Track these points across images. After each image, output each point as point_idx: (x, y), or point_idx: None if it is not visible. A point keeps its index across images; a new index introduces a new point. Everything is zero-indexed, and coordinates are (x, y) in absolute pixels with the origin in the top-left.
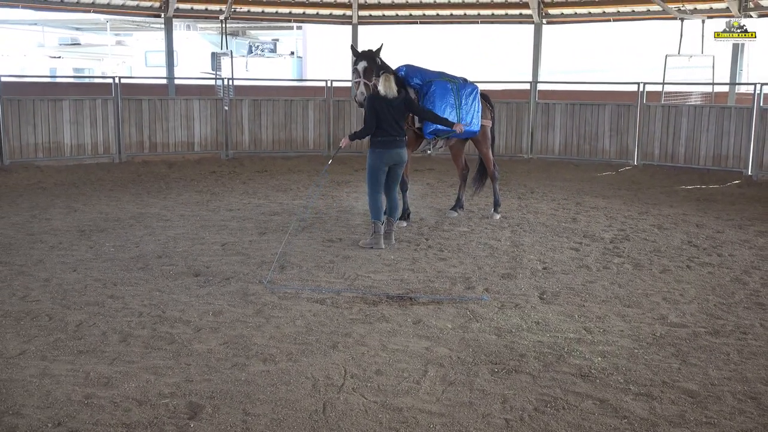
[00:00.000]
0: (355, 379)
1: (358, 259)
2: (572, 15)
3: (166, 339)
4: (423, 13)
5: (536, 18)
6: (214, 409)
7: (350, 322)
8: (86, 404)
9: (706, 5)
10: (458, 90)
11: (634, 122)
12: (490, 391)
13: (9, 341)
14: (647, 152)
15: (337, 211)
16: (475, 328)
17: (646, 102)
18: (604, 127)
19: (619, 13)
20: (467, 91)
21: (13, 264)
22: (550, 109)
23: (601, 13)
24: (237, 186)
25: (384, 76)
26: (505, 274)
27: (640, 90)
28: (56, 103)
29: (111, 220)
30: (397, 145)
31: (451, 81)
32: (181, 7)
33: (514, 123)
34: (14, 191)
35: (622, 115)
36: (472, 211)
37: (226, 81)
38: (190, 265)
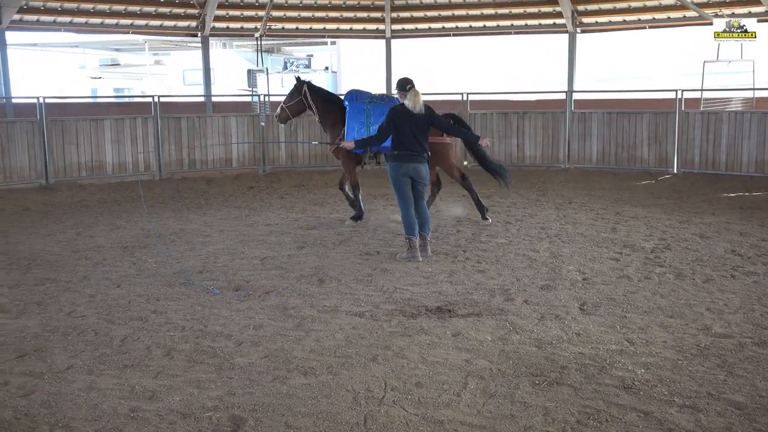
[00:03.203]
0: (396, 391)
1: (396, 272)
2: (606, 23)
3: (208, 353)
4: (456, 26)
5: (570, 27)
6: (256, 422)
7: (389, 335)
8: (132, 417)
9: (744, 9)
10: (371, 110)
11: (673, 130)
12: (531, 404)
13: (57, 356)
14: (687, 160)
15: (374, 224)
16: (515, 340)
17: (685, 109)
18: (642, 136)
19: (655, 20)
20: (379, 110)
21: (60, 280)
22: (587, 118)
23: (636, 21)
24: (274, 201)
25: (412, 91)
26: (544, 286)
27: (678, 97)
28: (98, 123)
29: (153, 236)
30: (415, 160)
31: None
32: (217, 26)
33: (550, 133)
34: (59, 209)
35: (661, 123)
36: (510, 222)
37: (262, 97)
38: (231, 280)
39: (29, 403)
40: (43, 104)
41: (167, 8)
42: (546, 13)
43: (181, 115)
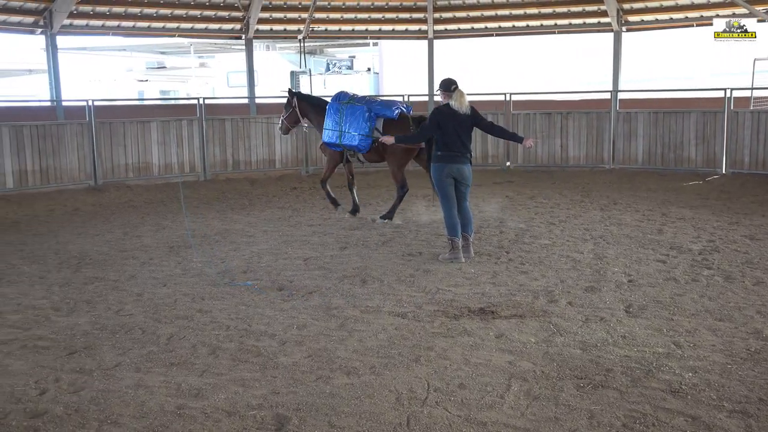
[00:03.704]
0: (439, 392)
1: (438, 272)
2: (653, 21)
3: (252, 352)
4: (499, 26)
5: (615, 26)
6: (300, 421)
7: (432, 336)
8: (178, 415)
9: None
10: (344, 111)
11: (722, 129)
12: (576, 407)
13: (106, 353)
14: (736, 160)
15: (416, 224)
16: (559, 342)
17: (734, 108)
18: (689, 135)
19: (702, 18)
20: (349, 111)
21: (108, 279)
22: (632, 118)
23: (684, 19)
24: (317, 201)
25: (458, 92)
26: (588, 287)
27: (727, 96)
28: (144, 125)
29: (198, 237)
30: (458, 161)
31: (351, 102)
32: (260, 29)
33: (594, 133)
34: (107, 210)
35: (708, 122)
36: (553, 223)
37: None
38: (274, 280)
39: (79, 399)
40: (92, 107)
41: (212, 11)
42: (591, 12)
43: (225, 116)
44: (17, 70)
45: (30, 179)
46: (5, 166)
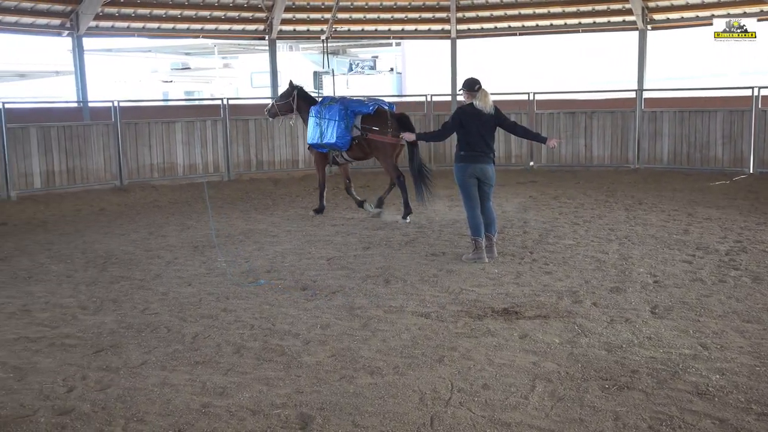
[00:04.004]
0: (462, 393)
1: (462, 273)
2: (678, 20)
3: (276, 351)
4: (522, 25)
5: (640, 24)
6: (324, 420)
7: (456, 336)
8: (204, 413)
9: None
10: (323, 111)
11: (749, 128)
12: (601, 408)
13: (132, 351)
14: (764, 159)
15: (439, 224)
16: (584, 343)
17: (762, 107)
18: (715, 135)
19: (729, 15)
20: (327, 111)
21: (134, 278)
22: (658, 117)
23: (710, 17)
24: (340, 201)
25: (482, 91)
26: (613, 288)
27: (755, 95)
28: (169, 126)
29: (222, 236)
30: (481, 160)
31: (331, 103)
32: (284, 29)
33: (619, 132)
34: (133, 209)
35: (736, 121)
36: (577, 224)
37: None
38: (298, 279)
39: (106, 396)
40: (118, 107)
41: (236, 12)
42: (615, 10)
43: (249, 117)
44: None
45: (57, 180)
46: (33, 167)
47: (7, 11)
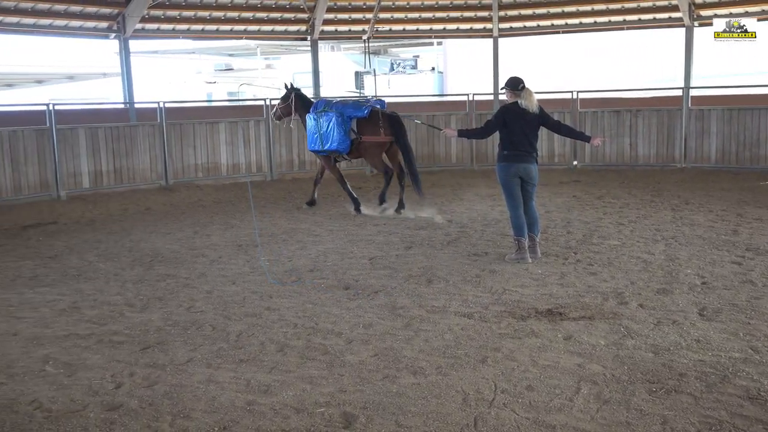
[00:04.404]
0: (506, 394)
1: (504, 273)
2: (726, 15)
3: (319, 350)
4: (565, 23)
5: (687, 21)
6: (367, 419)
7: (499, 337)
8: (248, 410)
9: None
10: (321, 119)
11: None
12: (648, 411)
13: (178, 349)
14: None
15: (481, 224)
16: (630, 345)
17: None
18: (766, 133)
19: None
20: (324, 119)
21: (179, 277)
22: (705, 115)
23: (760, 12)
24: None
25: (526, 91)
26: (660, 290)
27: None
28: (213, 126)
29: (265, 236)
30: (525, 160)
31: (326, 110)
32: (325, 30)
33: (665, 131)
34: (178, 209)
35: None
36: (622, 224)
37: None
38: (340, 279)
39: (153, 393)
40: (163, 108)
41: (278, 13)
42: (661, 7)
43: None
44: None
45: (105, 179)
46: (82, 167)
47: (57, 15)
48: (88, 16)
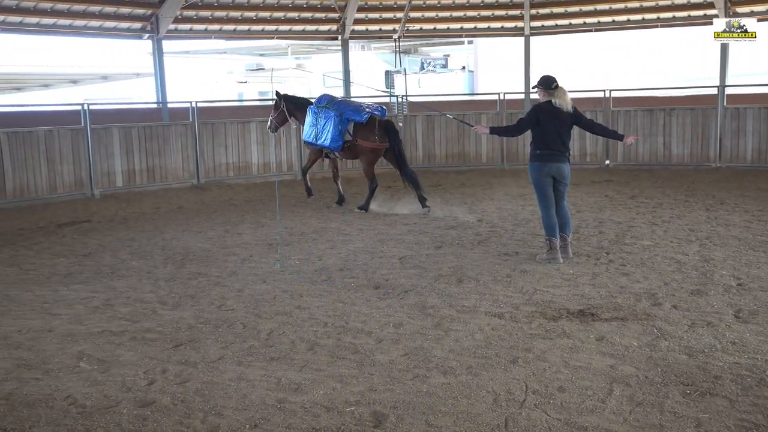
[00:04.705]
0: (537, 395)
1: (535, 273)
2: (763, 12)
3: (350, 349)
4: (598, 21)
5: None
6: (397, 419)
7: (530, 337)
8: (279, 408)
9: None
10: (320, 114)
11: None
12: (682, 414)
13: (209, 346)
14: None
15: (512, 224)
16: (664, 347)
17: None
18: None
19: None
20: (324, 115)
21: (211, 275)
22: (741, 114)
23: None
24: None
25: (560, 90)
26: (694, 291)
27: None
28: (244, 125)
29: (295, 234)
30: (558, 159)
31: (328, 107)
32: (356, 29)
33: (699, 130)
34: (209, 207)
35: None
36: (656, 224)
37: (400, 98)
38: (370, 278)
39: (185, 390)
40: (195, 108)
41: (309, 13)
42: (696, 4)
43: None
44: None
45: (138, 178)
46: (115, 166)
47: (92, 16)
48: (122, 17)
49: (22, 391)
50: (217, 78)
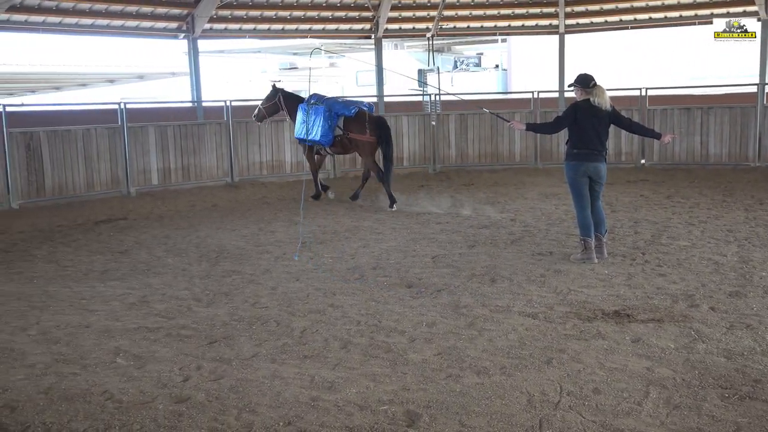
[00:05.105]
0: (572, 396)
1: (570, 273)
2: None
3: (383, 348)
4: (634, 18)
5: (763, 14)
6: (431, 418)
7: (564, 338)
8: (312, 406)
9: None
10: (310, 111)
11: None
12: (720, 418)
13: (243, 344)
14: None
15: (546, 224)
16: (701, 349)
17: None
18: None
19: None
20: (313, 111)
21: (245, 273)
22: None
23: None
24: (443, 200)
25: (599, 88)
26: (733, 292)
27: None
28: (278, 124)
29: (328, 233)
30: (595, 159)
31: (317, 104)
32: (389, 28)
33: (738, 129)
34: (243, 206)
35: None
36: (692, 224)
37: (433, 97)
38: (403, 277)
39: (219, 387)
40: (230, 107)
41: (343, 12)
42: (734, 1)
43: None
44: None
45: (173, 177)
46: (151, 164)
47: (129, 16)
48: (159, 17)
49: (60, 386)
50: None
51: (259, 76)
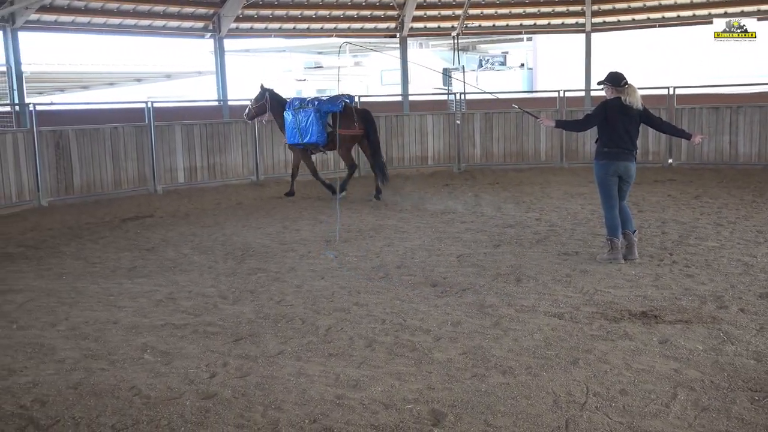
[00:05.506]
0: (598, 397)
1: (596, 273)
2: None
3: (407, 346)
4: (662, 16)
5: None
6: (456, 417)
7: (591, 339)
8: (338, 404)
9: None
10: (299, 115)
11: None
12: (750, 421)
13: (269, 341)
14: None
15: (571, 223)
16: (731, 351)
17: None
18: None
19: None
20: (303, 115)
21: (270, 271)
22: None
23: None
24: (469, 198)
25: (630, 87)
26: (763, 294)
27: None
28: None
29: (353, 231)
30: (625, 158)
31: (303, 107)
32: (414, 27)
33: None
34: (268, 204)
35: None
36: (721, 225)
37: (458, 95)
38: (428, 276)
39: (245, 384)
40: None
41: (368, 11)
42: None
43: (379, 114)
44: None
45: (199, 175)
46: (178, 162)
47: (156, 16)
48: (185, 17)
49: (89, 381)
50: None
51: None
